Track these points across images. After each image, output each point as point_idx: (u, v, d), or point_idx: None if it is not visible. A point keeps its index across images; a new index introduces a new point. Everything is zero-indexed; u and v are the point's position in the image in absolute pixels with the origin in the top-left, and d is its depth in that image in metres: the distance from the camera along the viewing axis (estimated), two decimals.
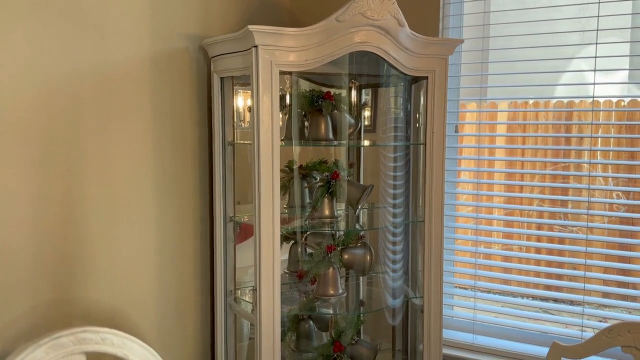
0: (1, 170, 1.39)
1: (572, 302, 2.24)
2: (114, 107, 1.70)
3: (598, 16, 1.99)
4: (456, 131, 2.32)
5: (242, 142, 2.01)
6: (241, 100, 2.04)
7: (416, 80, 2.04)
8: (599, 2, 1.99)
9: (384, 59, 1.83)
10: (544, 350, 2.06)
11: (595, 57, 2.02)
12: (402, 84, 2.09)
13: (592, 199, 2.08)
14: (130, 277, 1.79)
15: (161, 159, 1.86)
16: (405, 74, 1.92)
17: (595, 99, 2.04)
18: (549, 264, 2.37)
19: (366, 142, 2.27)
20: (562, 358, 1.54)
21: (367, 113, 2.25)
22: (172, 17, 1.87)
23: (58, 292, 1.57)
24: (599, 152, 2.07)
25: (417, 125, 2.08)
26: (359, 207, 2.04)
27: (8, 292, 1.44)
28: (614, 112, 2.88)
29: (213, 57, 1.93)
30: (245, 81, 1.88)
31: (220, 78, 1.94)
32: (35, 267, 1.51)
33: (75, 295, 1.62)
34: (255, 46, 1.66)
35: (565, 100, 3.12)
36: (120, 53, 1.70)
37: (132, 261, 1.79)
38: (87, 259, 1.65)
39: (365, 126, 2.24)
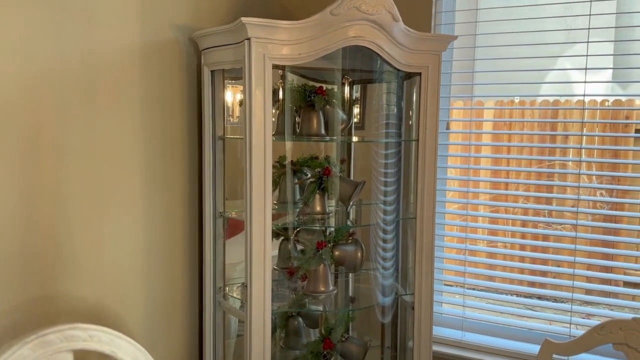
0: None
1: (560, 300, 2.26)
2: (102, 99, 1.66)
3: (586, 14, 2.00)
4: (447, 128, 2.32)
5: (232, 136, 1.98)
6: (231, 96, 2.01)
7: (409, 76, 2.03)
8: (583, 1, 2.00)
9: (378, 54, 1.81)
10: (532, 348, 2.08)
11: (585, 55, 2.03)
12: (395, 80, 2.07)
13: (581, 197, 2.09)
14: (118, 273, 1.75)
15: (150, 153, 1.82)
16: (399, 70, 1.91)
17: (580, 98, 2.05)
18: (536, 261, 2.38)
19: (357, 138, 2.25)
20: (553, 355, 1.55)
21: (358, 109, 2.24)
22: (162, 8, 1.82)
23: (44, 289, 1.53)
24: (583, 150, 2.08)
25: (410, 121, 2.07)
26: (351, 203, 2.03)
27: None
28: (598, 111, 2.91)
29: (204, 49, 1.90)
30: (236, 75, 1.85)
31: (211, 71, 1.91)
32: (21, 263, 1.46)
33: (61, 291, 1.58)
34: (248, 39, 1.63)
35: (551, 99, 3.15)
36: (108, 43, 1.66)
37: (120, 257, 1.75)
38: (73, 255, 1.60)
39: (356, 122, 2.22)
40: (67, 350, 1.33)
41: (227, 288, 2.05)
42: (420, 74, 1.93)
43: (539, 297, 2.49)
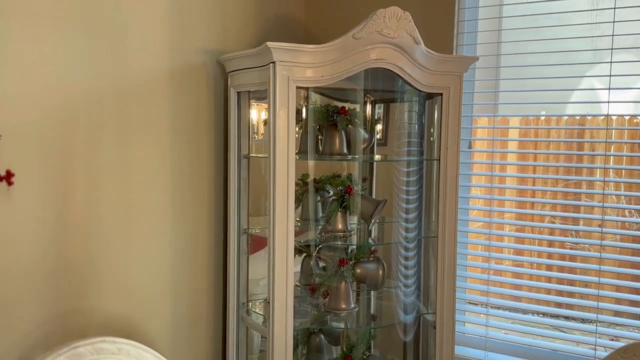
0: (22, 180, 1.41)
1: (585, 321, 2.22)
2: (133, 120, 1.73)
3: (613, 35, 2.01)
4: (470, 147, 2.33)
5: (256, 155, 2.03)
6: (256, 114, 2.07)
7: (430, 95, 2.06)
8: (613, 22, 2.00)
9: (399, 76, 1.85)
10: None
11: (608, 75, 2.02)
12: (416, 99, 2.10)
13: (606, 217, 2.07)
14: (146, 288, 1.80)
15: (178, 172, 1.89)
16: (420, 91, 1.94)
17: (607, 116, 2.04)
18: (562, 281, 2.36)
19: (379, 157, 2.28)
20: None
21: (380, 128, 2.27)
22: (191, 33, 1.90)
23: (75, 303, 1.59)
24: (611, 170, 2.06)
25: (432, 140, 2.09)
26: (373, 221, 2.05)
27: (26, 302, 1.46)
28: (626, 130, 2.88)
29: (230, 72, 1.97)
30: (261, 95, 1.91)
31: (237, 92, 1.97)
32: (53, 278, 1.53)
33: (91, 305, 1.64)
34: (273, 62, 1.69)
35: (578, 117, 3.12)
36: (140, 67, 1.74)
37: (148, 273, 1.81)
38: (104, 270, 1.67)
39: (378, 141, 2.25)
40: None
41: (250, 304, 2.09)
42: (441, 94, 1.96)
43: (565, 318, 2.45)
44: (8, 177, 1.15)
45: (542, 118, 2.98)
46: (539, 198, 3.11)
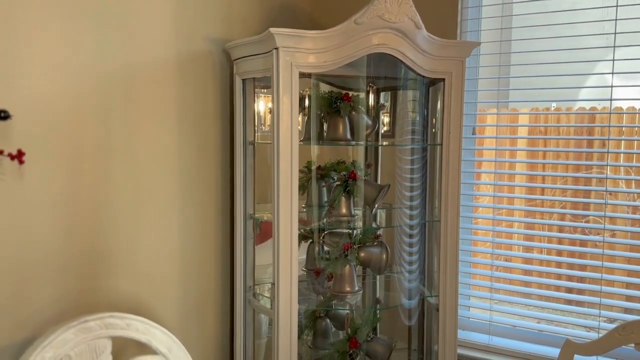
0: (35, 166, 1.47)
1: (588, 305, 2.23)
2: (141, 107, 1.78)
3: (616, 19, 2.00)
4: (473, 133, 2.35)
5: (262, 142, 2.07)
6: (262, 103, 2.11)
7: (433, 82, 2.08)
8: (617, 6, 2.00)
9: (401, 61, 1.87)
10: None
11: (614, 60, 2.02)
12: (419, 86, 2.12)
13: (608, 201, 2.08)
14: (154, 269, 1.86)
15: (185, 157, 1.93)
16: (422, 76, 1.96)
17: (616, 104, 2.04)
18: (563, 265, 2.37)
19: (384, 143, 2.31)
20: (574, 356, 1.55)
21: (384, 114, 2.30)
22: (196, 21, 1.94)
23: (85, 282, 1.65)
24: (622, 156, 2.07)
25: (434, 126, 2.11)
26: (376, 206, 2.08)
27: (38, 281, 1.52)
28: (638, 117, 2.86)
29: (235, 59, 2.01)
30: (266, 83, 1.95)
31: (242, 80, 2.01)
32: (64, 258, 1.58)
33: (101, 285, 1.69)
34: (276, 48, 1.72)
35: (588, 106, 3.11)
36: (146, 55, 1.78)
37: (156, 255, 1.86)
38: (113, 252, 1.72)
39: (382, 127, 2.28)
40: (106, 337, 1.44)
41: (259, 288, 2.13)
42: (444, 79, 1.98)
43: (568, 302, 2.46)
44: (19, 155, 1.21)
45: (553, 107, 2.97)
46: (546, 184, 3.11)
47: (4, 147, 1.21)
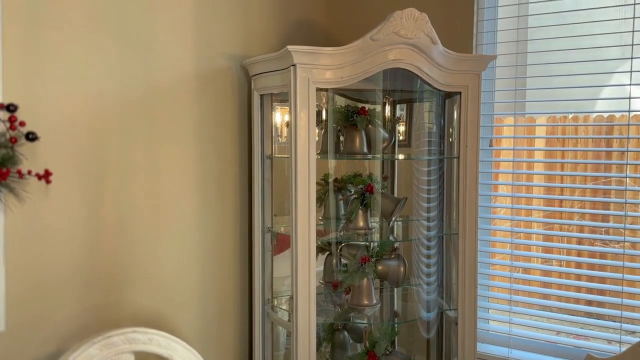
0: (59, 185, 1.51)
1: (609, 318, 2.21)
2: (161, 123, 1.81)
3: (633, 31, 1.99)
4: (490, 145, 2.35)
5: (279, 155, 2.09)
6: (279, 116, 2.13)
7: (450, 95, 2.09)
8: (634, 17, 1.99)
9: (417, 76, 1.89)
10: None
11: (631, 71, 2.01)
12: (435, 99, 2.13)
13: (629, 213, 2.06)
14: (174, 284, 1.88)
15: (204, 172, 1.96)
16: (439, 90, 1.97)
17: (636, 113, 2.02)
18: (580, 277, 2.34)
19: (400, 156, 2.32)
20: None
21: (401, 128, 2.31)
22: (215, 39, 1.98)
23: (108, 296, 1.68)
24: None
25: (451, 139, 2.12)
26: (393, 219, 2.09)
27: (62, 295, 1.56)
28: None
29: (253, 75, 2.04)
30: (283, 97, 1.98)
31: (260, 95, 2.04)
32: (88, 273, 1.62)
33: (123, 299, 1.72)
34: (294, 65, 1.75)
35: (605, 115, 3.09)
36: (167, 73, 1.82)
37: (176, 269, 1.89)
38: (135, 267, 1.75)
39: (399, 140, 2.29)
40: (129, 352, 1.46)
41: (276, 300, 2.15)
42: (460, 93, 1.98)
43: (589, 315, 2.43)
44: (47, 175, 1.24)
45: (570, 116, 2.96)
46: (564, 195, 3.09)
47: (31, 167, 1.24)
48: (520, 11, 2.23)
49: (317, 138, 1.98)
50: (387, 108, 2.18)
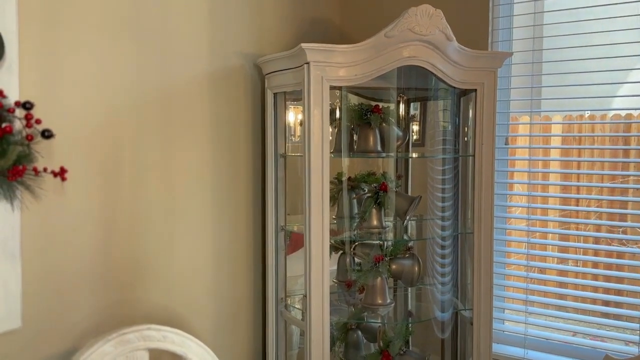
0: (74, 183, 1.51)
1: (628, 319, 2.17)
2: (176, 122, 1.82)
3: None
4: (506, 143, 2.32)
5: (293, 154, 2.09)
6: (292, 115, 2.13)
7: (465, 93, 2.07)
8: None
9: (432, 73, 1.87)
10: None
11: None
12: (450, 97, 2.11)
13: (637, 212, 2.02)
14: (188, 282, 1.89)
15: (218, 170, 1.97)
16: (454, 87, 1.95)
17: None
18: (597, 277, 2.31)
19: (414, 154, 2.30)
20: None
21: (415, 126, 2.29)
22: (229, 37, 1.98)
23: (122, 294, 1.69)
24: None
25: (466, 137, 2.09)
26: (407, 218, 2.07)
27: (77, 294, 1.56)
28: None
29: (267, 74, 2.04)
30: (296, 96, 1.97)
31: (274, 94, 2.04)
32: (102, 270, 1.63)
33: (137, 297, 1.73)
34: (307, 63, 1.74)
35: (623, 113, 3.04)
36: (182, 72, 1.83)
37: (190, 267, 1.89)
38: (149, 264, 1.76)
39: (413, 139, 2.27)
40: (144, 349, 1.47)
41: (290, 299, 2.14)
42: (475, 90, 1.96)
43: (606, 316, 2.39)
44: (62, 173, 1.24)
45: (587, 114, 2.92)
46: (581, 194, 3.05)
47: (47, 164, 1.25)
48: (536, 8, 2.20)
49: (330, 137, 1.97)
50: (401, 107, 2.17)
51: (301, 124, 1.98)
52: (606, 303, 2.37)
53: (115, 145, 1.64)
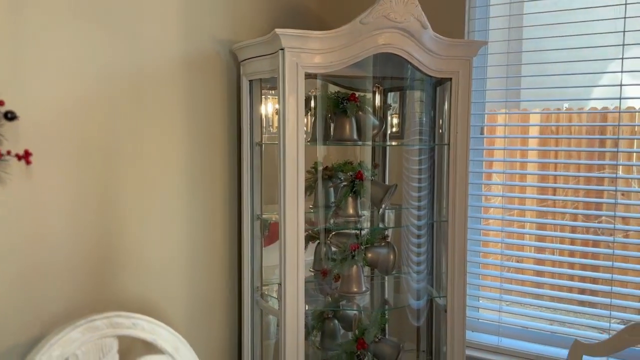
0: (42, 167, 1.49)
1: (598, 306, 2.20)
2: (148, 108, 1.79)
3: (625, 17, 1.98)
4: (482, 133, 2.33)
5: (269, 142, 2.07)
6: (270, 106, 2.11)
7: (440, 82, 2.07)
8: (626, 4, 1.98)
9: (407, 61, 1.87)
10: None
11: (623, 58, 2.00)
12: (426, 86, 2.12)
13: (618, 201, 2.05)
14: (162, 270, 1.87)
15: (192, 158, 1.95)
16: (429, 76, 1.95)
17: (628, 103, 2.01)
18: (575, 266, 2.34)
19: (392, 143, 2.30)
20: (583, 356, 1.53)
21: (391, 115, 2.29)
22: (203, 23, 1.96)
23: (94, 282, 1.66)
24: (634, 154, 2.04)
25: (441, 126, 2.10)
26: (383, 206, 2.08)
27: (46, 282, 1.54)
28: None
29: (242, 60, 2.02)
30: (272, 84, 1.95)
31: (249, 81, 2.02)
32: (73, 258, 1.60)
33: (110, 285, 1.71)
34: (282, 49, 1.73)
35: (599, 106, 3.07)
36: (154, 57, 1.80)
37: (164, 255, 1.87)
38: (121, 252, 1.74)
39: (390, 127, 2.27)
40: (113, 336, 1.45)
41: (267, 289, 2.13)
42: (450, 79, 1.97)
43: (580, 304, 2.43)
44: (27, 156, 1.22)
45: (565, 107, 2.94)
46: (560, 184, 3.07)
47: (11, 148, 1.23)
48: None
49: (306, 129, 1.96)
50: (378, 95, 2.17)
51: (277, 113, 1.97)
52: (582, 291, 2.40)
53: (85, 130, 1.61)
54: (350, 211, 2.05)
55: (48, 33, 1.50)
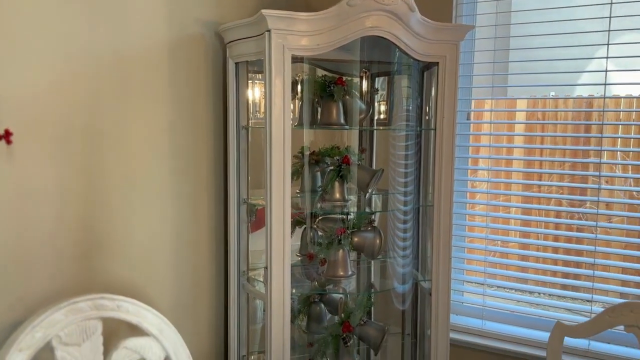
0: (24, 149, 1.46)
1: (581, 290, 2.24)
2: (132, 91, 1.77)
3: (611, 3, 1.98)
4: (468, 118, 2.34)
5: (256, 126, 2.06)
6: (257, 90, 2.09)
7: (428, 67, 2.07)
8: None
9: (394, 44, 1.86)
10: None
11: (608, 44, 2.01)
12: (413, 71, 2.11)
13: (602, 186, 2.08)
14: (148, 253, 1.86)
15: (177, 141, 1.93)
16: (416, 60, 1.94)
17: (614, 89, 2.02)
18: (558, 251, 2.37)
19: (380, 127, 2.30)
20: (565, 337, 1.55)
21: (379, 102, 2.28)
22: (188, 4, 1.93)
23: (79, 266, 1.65)
24: (619, 140, 2.07)
25: (428, 111, 2.10)
26: (369, 190, 2.08)
27: (29, 264, 1.52)
28: (635, 101, 2.84)
29: (228, 42, 1.99)
30: (259, 67, 1.93)
31: (235, 63, 2.00)
32: (57, 241, 1.58)
33: (95, 268, 1.69)
34: (269, 30, 1.71)
35: (585, 93, 3.08)
36: (138, 39, 1.77)
37: (150, 238, 1.86)
38: (107, 235, 1.72)
39: (377, 113, 2.27)
40: (97, 318, 1.44)
41: (254, 273, 2.13)
42: (437, 63, 1.96)
43: (564, 287, 2.47)
44: (7, 136, 1.20)
45: (552, 95, 2.94)
46: (543, 169, 3.09)
47: None
48: None
49: (292, 113, 1.94)
50: (365, 80, 2.16)
51: (264, 97, 1.95)
52: (565, 276, 2.43)
53: (67, 111, 1.58)
54: (337, 196, 2.05)
55: (29, 13, 1.47)
